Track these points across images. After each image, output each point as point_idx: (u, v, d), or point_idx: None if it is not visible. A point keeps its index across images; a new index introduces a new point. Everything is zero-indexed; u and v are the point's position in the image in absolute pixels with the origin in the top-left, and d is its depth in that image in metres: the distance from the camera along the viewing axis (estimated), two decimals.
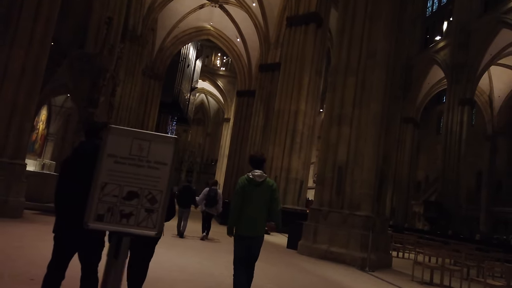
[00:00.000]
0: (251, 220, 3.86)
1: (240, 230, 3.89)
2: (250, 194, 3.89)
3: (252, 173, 3.94)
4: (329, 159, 10.07)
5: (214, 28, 30.50)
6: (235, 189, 4.07)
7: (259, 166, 4.00)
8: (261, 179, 3.90)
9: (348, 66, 10.20)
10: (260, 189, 3.90)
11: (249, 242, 3.88)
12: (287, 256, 8.92)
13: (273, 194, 3.95)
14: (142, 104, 28.36)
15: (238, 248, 3.93)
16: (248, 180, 3.93)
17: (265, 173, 4.07)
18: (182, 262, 6.27)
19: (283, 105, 17.19)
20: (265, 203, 3.92)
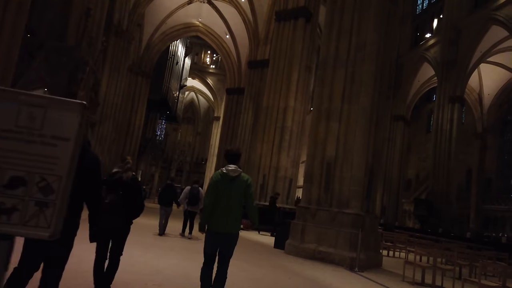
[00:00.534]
0: (224, 217, 3.70)
1: (212, 227, 3.73)
2: (223, 189, 3.72)
3: (226, 168, 3.77)
4: (318, 156, 9.71)
5: (203, 24, 30.00)
6: (208, 184, 3.92)
7: (234, 161, 3.84)
8: (235, 174, 3.73)
9: (337, 59, 9.85)
10: (234, 185, 3.73)
11: (222, 239, 3.72)
12: (273, 257, 8.54)
13: (247, 189, 3.77)
14: (129, 102, 27.78)
15: (209, 244, 3.77)
16: (221, 175, 3.77)
17: (240, 168, 3.87)
18: (158, 264, 5.84)
19: (272, 101, 16.81)
20: (240, 199, 3.76)
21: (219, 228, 3.70)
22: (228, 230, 3.71)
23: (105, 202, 3.75)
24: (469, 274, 9.46)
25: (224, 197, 3.71)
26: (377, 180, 9.77)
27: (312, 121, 10.13)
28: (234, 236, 3.78)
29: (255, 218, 3.94)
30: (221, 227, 3.70)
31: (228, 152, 3.93)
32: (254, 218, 3.94)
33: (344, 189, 9.14)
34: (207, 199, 3.80)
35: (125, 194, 3.86)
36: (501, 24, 21.62)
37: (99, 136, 20.96)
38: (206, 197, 3.85)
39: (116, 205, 3.79)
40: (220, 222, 3.70)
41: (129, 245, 7.07)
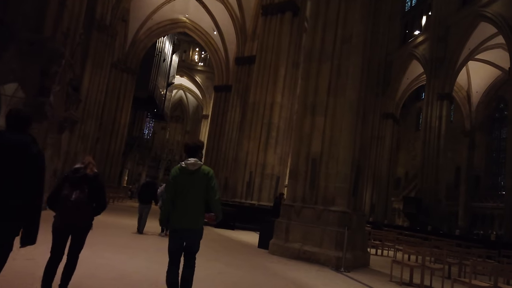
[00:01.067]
0: (186, 212, 3.60)
1: (174, 223, 3.62)
2: (183, 184, 3.61)
3: (185, 162, 3.67)
4: (303, 151, 9.34)
5: (190, 20, 29.47)
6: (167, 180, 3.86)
7: (194, 154, 3.73)
8: (195, 167, 3.63)
9: (323, 51, 9.49)
10: (194, 178, 3.62)
11: (185, 235, 3.62)
12: (255, 257, 8.14)
13: (209, 182, 3.66)
14: (114, 99, 27.15)
15: (172, 241, 3.66)
16: (180, 169, 3.67)
17: (200, 160, 3.77)
18: (127, 267, 5.39)
19: (258, 97, 16.42)
20: (201, 193, 3.64)
21: (182, 224, 3.58)
22: (190, 225, 3.60)
23: (70, 198, 3.66)
24: (458, 273, 9.19)
25: (185, 192, 3.59)
26: (364, 176, 9.44)
27: (297, 116, 9.76)
28: (198, 231, 3.67)
29: (218, 211, 3.78)
30: (183, 222, 3.58)
31: (187, 145, 3.82)
32: (217, 212, 3.78)
33: (330, 185, 8.78)
34: (165, 194, 3.71)
35: (89, 190, 3.77)
36: (489, 20, 21.54)
37: (81, 134, 20.31)
38: (165, 192, 3.76)
39: (81, 201, 3.69)
40: (182, 217, 3.59)
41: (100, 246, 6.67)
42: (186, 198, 3.60)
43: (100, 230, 9.06)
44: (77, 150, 20.25)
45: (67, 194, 3.68)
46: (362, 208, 9.64)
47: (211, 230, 12.83)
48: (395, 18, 31.55)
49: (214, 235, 11.51)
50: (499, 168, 30.12)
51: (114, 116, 27.26)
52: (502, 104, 30.42)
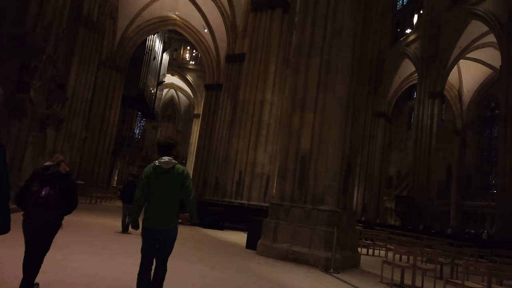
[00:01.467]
0: (159, 211, 3.50)
1: (147, 222, 3.51)
2: (156, 183, 3.51)
3: (159, 160, 3.57)
4: (291, 149, 9.06)
5: (180, 18, 29.04)
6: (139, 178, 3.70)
7: (167, 152, 3.63)
8: (168, 166, 3.53)
9: (312, 46, 9.23)
10: (168, 177, 3.53)
11: (157, 235, 3.51)
12: (242, 258, 7.84)
13: (184, 181, 3.56)
14: (102, 97, 26.65)
15: (145, 242, 3.55)
16: (153, 168, 3.57)
17: (175, 159, 3.65)
18: (100, 272, 5.06)
19: (248, 95, 16.12)
20: (175, 192, 3.54)
21: (155, 224, 3.49)
22: (164, 225, 3.51)
23: (40, 195, 3.59)
24: (450, 273, 8.98)
25: (158, 191, 3.50)
26: (354, 174, 9.19)
27: (286, 112, 9.48)
28: (171, 231, 3.58)
29: (193, 211, 3.68)
30: (156, 222, 3.49)
31: (159, 143, 3.70)
32: (192, 212, 3.68)
33: (319, 184, 8.52)
34: (137, 193, 3.57)
35: (60, 188, 3.70)
36: (480, 18, 21.48)
37: (68, 133, 19.83)
38: (136, 191, 3.60)
39: (51, 198, 3.62)
40: (155, 217, 3.49)
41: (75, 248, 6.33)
42: (160, 197, 3.50)
43: (79, 231, 8.72)
44: (63, 150, 19.78)
45: (37, 191, 3.60)
46: (352, 207, 9.39)
47: (198, 231, 12.51)
48: (386, 17, 31.50)
49: (202, 236, 11.19)
50: (491, 167, 30.18)
51: (102, 115, 26.73)
52: (493, 103, 30.48)
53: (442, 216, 29.61)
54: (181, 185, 3.54)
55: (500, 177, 18.57)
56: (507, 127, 18.29)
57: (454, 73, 28.45)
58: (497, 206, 18.88)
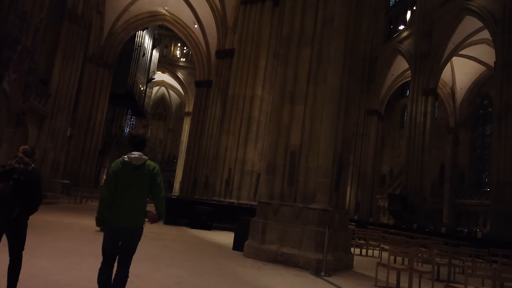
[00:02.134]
0: (125, 209, 3.33)
1: (111, 220, 3.35)
2: (125, 179, 3.33)
3: (129, 156, 3.38)
4: (281, 144, 8.55)
5: (170, 13, 28.39)
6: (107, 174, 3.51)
7: (139, 148, 3.44)
8: (139, 162, 3.35)
9: (302, 35, 8.72)
10: (138, 174, 3.35)
11: (121, 234, 3.34)
12: (227, 261, 7.31)
13: (154, 179, 3.40)
14: (89, 94, 25.93)
15: (107, 240, 3.39)
16: (122, 163, 3.37)
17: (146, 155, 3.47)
18: (63, 278, 4.50)
19: (238, 90, 15.60)
20: (144, 190, 3.39)
21: (120, 222, 3.32)
22: (129, 224, 3.34)
23: None
24: (448, 274, 8.55)
25: (126, 188, 3.32)
26: (347, 170, 8.71)
27: (275, 105, 8.97)
28: (137, 231, 3.40)
29: (162, 210, 3.50)
30: (121, 220, 3.32)
31: (131, 137, 3.50)
32: (161, 211, 3.50)
33: (310, 181, 8.02)
34: (104, 190, 3.42)
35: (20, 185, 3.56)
36: (474, 14, 21.19)
37: (51, 130, 19.11)
38: (103, 187, 3.50)
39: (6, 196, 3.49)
40: (120, 215, 3.33)
41: (41, 251, 5.73)
42: (127, 195, 3.33)
43: (54, 232, 8.13)
44: (47, 148, 19.09)
45: None
46: (345, 205, 8.92)
47: (185, 231, 11.96)
48: (379, 14, 31.15)
49: (187, 237, 10.63)
50: (483, 165, 30.01)
51: (89, 112, 26.00)
52: (486, 100, 30.31)
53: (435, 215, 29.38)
54: (151, 183, 3.38)
55: (495, 174, 18.27)
56: (501, 124, 18.00)
57: (447, 70, 28.21)
58: (491, 204, 18.58)
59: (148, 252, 7.08)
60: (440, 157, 32.27)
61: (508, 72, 17.75)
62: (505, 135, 17.65)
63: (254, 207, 13.81)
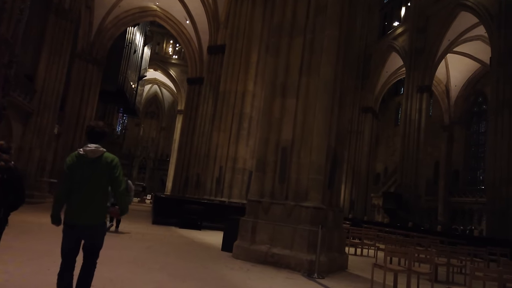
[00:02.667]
0: (82, 205, 3.14)
1: (69, 218, 3.14)
2: (80, 174, 3.15)
3: (84, 148, 3.20)
4: (272, 139, 8.12)
5: (161, 9, 27.79)
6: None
7: (96, 140, 3.25)
8: (95, 155, 3.18)
9: (294, 24, 8.29)
10: (94, 167, 3.17)
11: (81, 232, 3.14)
12: (214, 263, 6.86)
13: (113, 172, 3.21)
14: (78, 91, 25.26)
15: (66, 240, 3.17)
16: (77, 156, 3.20)
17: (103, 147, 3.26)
18: (26, 285, 4.04)
19: (229, 86, 15.14)
20: (103, 184, 3.21)
21: (78, 220, 3.11)
22: (88, 221, 3.13)
23: None
24: (446, 275, 8.18)
25: (82, 183, 3.12)
26: (341, 167, 8.30)
27: (265, 99, 8.52)
28: (98, 228, 3.22)
29: (123, 205, 3.33)
30: (80, 218, 3.12)
31: (92, 128, 3.28)
32: (122, 205, 3.32)
33: (302, 178, 7.60)
34: (60, 186, 3.25)
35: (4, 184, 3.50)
36: (470, 9, 20.93)
37: (37, 128, 18.49)
38: (60, 183, 3.32)
39: None
40: (78, 212, 3.12)
41: (9, 255, 5.27)
42: (84, 190, 3.13)
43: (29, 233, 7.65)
44: (33, 145, 18.48)
45: None
46: (339, 203, 8.51)
47: (173, 231, 11.49)
48: (374, 10, 30.87)
49: (175, 237, 10.17)
50: (478, 163, 29.87)
51: (78, 110, 25.33)
52: (481, 98, 30.16)
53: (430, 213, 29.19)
54: (110, 176, 3.19)
55: (491, 171, 18.02)
56: (498, 120, 17.73)
57: (441, 68, 27.99)
58: (487, 202, 18.34)
59: (129, 254, 6.62)
60: (434, 154, 32.08)
61: (504, 67, 17.49)
62: (501, 131, 17.38)
63: (245, 206, 13.41)
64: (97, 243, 3.23)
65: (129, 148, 47.36)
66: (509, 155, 16.93)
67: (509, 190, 16.63)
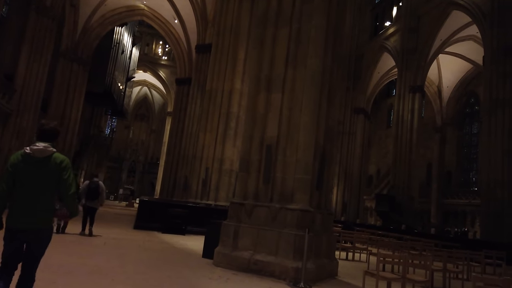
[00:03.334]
0: (27, 208, 2.93)
1: (11, 222, 2.93)
2: (25, 174, 2.95)
3: (31, 147, 2.99)
4: (256, 137, 7.55)
5: (148, 8, 27.18)
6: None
7: (47, 139, 3.05)
8: (42, 155, 2.97)
9: (280, 13, 7.75)
10: (41, 168, 2.97)
11: (24, 237, 2.92)
12: (192, 272, 6.25)
13: (62, 174, 3.01)
14: (63, 92, 24.51)
15: (7, 244, 2.93)
16: (23, 155, 2.99)
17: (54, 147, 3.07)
18: None
19: (216, 84, 14.57)
20: (50, 186, 3.00)
21: (22, 224, 2.93)
22: (31, 225, 2.94)
23: None
24: (443, 281, 7.65)
25: (26, 185, 2.95)
26: (330, 166, 7.75)
27: (249, 93, 7.96)
28: (43, 233, 3.02)
29: (72, 207, 3.15)
30: (23, 222, 2.93)
31: (43, 126, 3.09)
32: (71, 208, 3.14)
33: (288, 177, 7.04)
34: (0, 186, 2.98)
35: None
36: (462, 8, 20.65)
37: (17, 129, 17.74)
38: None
39: None
40: (21, 215, 2.94)
41: None
42: (29, 192, 2.94)
43: None
44: (12, 147, 17.69)
45: None
46: (328, 205, 7.95)
47: (154, 237, 10.84)
48: (365, 11, 30.58)
49: (155, 243, 9.53)
50: (471, 164, 29.61)
51: (63, 111, 24.57)
52: (473, 99, 29.96)
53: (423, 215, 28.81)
54: (58, 178, 2.99)
55: (484, 172, 17.65)
56: (491, 120, 17.39)
57: (433, 69, 27.74)
58: (482, 204, 17.94)
59: (95, 263, 5.98)
60: (427, 156, 31.77)
61: (497, 66, 17.16)
62: (495, 132, 17.03)
63: None
64: (39, 250, 3.00)
65: (118, 151, 46.47)
66: (503, 156, 16.58)
67: (504, 191, 16.27)
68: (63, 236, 8.95)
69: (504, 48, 17.05)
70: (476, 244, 14.40)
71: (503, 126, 16.79)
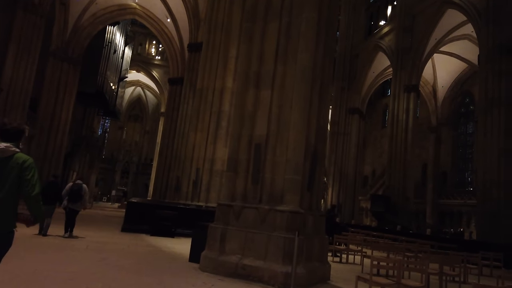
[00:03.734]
0: None
1: None
2: None
3: None
4: (244, 135, 7.23)
5: (140, 6, 26.80)
6: None
7: (9, 138, 2.90)
8: (4, 155, 2.83)
9: (269, 7, 7.44)
10: (2, 168, 2.81)
11: None
12: (175, 278, 5.91)
13: (24, 174, 2.84)
14: (53, 91, 24.04)
15: None
16: None
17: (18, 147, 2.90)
18: None
19: (207, 82, 14.23)
20: (11, 187, 2.81)
21: None
22: None
23: None
24: (439, 284, 7.36)
25: None
26: (322, 165, 7.44)
27: (238, 90, 7.63)
28: (5, 236, 2.83)
29: (36, 210, 2.94)
30: None
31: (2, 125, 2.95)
32: (35, 211, 2.94)
33: (278, 178, 6.72)
34: None
35: None
36: (457, 7, 20.45)
37: None
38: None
39: None
40: None
41: None
42: None
43: None
44: None
45: None
46: (320, 207, 7.64)
47: (141, 240, 10.46)
48: (359, 10, 30.39)
49: (141, 247, 9.16)
50: (466, 164, 29.45)
51: (53, 111, 24.10)
52: (468, 98, 29.81)
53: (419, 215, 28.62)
54: (20, 179, 2.85)
55: (480, 172, 17.42)
56: (487, 119, 17.18)
57: (428, 68, 27.56)
58: (478, 204, 17.70)
59: (71, 269, 5.61)
60: (422, 156, 31.59)
61: (492, 64, 16.96)
62: (490, 131, 16.81)
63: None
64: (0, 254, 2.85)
65: (111, 152, 45.97)
66: (499, 156, 16.37)
67: (500, 191, 16.05)
68: (44, 238, 8.58)
69: (499, 46, 16.85)
70: (472, 245, 14.17)
71: (499, 126, 16.58)
